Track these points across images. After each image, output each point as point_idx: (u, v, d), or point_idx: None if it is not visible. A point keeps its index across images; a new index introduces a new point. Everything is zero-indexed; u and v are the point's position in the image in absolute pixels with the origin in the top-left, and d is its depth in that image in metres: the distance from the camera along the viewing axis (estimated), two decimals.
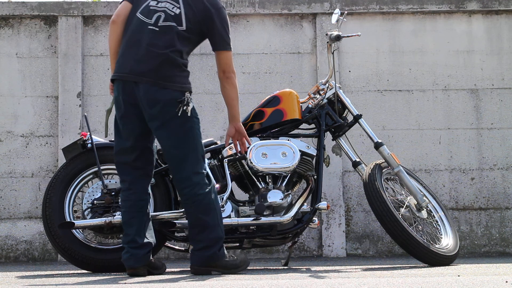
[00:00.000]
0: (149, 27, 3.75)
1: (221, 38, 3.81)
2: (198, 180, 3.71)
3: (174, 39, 3.72)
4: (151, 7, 3.79)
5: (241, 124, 3.95)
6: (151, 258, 3.77)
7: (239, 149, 3.99)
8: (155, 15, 3.77)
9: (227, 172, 4.20)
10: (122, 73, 3.77)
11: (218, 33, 3.80)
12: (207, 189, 3.72)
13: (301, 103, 4.43)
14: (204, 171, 3.75)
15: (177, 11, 3.77)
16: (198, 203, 3.70)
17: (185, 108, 3.67)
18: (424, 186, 4.59)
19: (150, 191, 3.88)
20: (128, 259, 3.73)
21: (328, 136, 4.49)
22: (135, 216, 3.78)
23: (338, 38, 4.31)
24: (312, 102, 4.46)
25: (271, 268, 4.29)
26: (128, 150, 3.80)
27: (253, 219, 4.09)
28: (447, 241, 4.38)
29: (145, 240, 3.77)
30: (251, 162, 4.17)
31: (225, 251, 3.78)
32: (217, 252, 3.71)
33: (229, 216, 4.08)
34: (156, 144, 3.93)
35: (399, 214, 4.27)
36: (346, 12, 4.62)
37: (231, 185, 4.22)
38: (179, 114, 3.67)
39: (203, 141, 3.96)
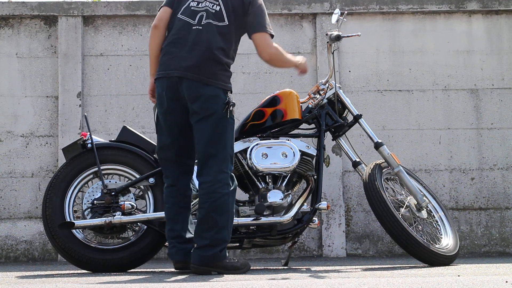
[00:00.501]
0: (193, 27, 3.82)
1: (256, 21, 3.88)
2: (221, 178, 3.74)
3: (218, 36, 3.81)
4: (192, 8, 3.87)
5: (304, 64, 4.10)
6: (227, 256, 3.79)
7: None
8: (197, 15, 3.85)
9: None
10: (166, 70, 3.83)
11: (252, 18, 3.88)
12: (227, 190, 3.75)
13: (301, 103, 4.44)
14: (229, 171, 3.79)
15: (218, 8, 3.86)
16: (214, 201, 3.72)
17: (231, 109, 3.76)
18: (424, 186, 4.59)
19: (192, 186, 3.98)
20: (175, 253, 3.87)
21: (328, 136, 4.49)
22: (181, 212, 3.91)
23: (338, 38, 4.31)
24: (312, 102, 4.47)
25: (271, 268, 4.29)
26: (170, 146, 3.88)
27: (253, 219, 4.09)
28: (447, 241, 4.38)
29: (189, 235, 3.89)
30: (251, 162, 4.17)
31: (227, 253, 3.78)
32: (219, 253, 3.71)
33: None
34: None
35: (399, 214, 4.26)
36: (346, 12, 4.62)
37: None
38: (223, 112, 3.74)
39: None
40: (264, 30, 3.89)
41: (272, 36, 3.91)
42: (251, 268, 3.96)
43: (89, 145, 4.18)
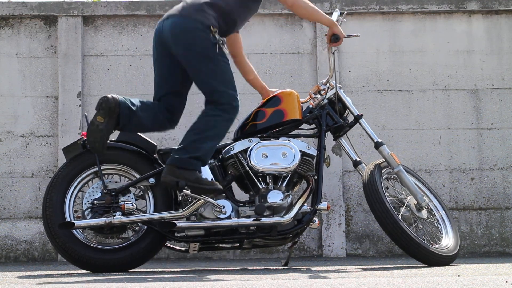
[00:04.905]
0: None
1: None
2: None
3: None
4: None
5: (339, 28, 4.20)
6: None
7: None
8: None
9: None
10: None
11: None
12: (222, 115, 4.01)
13: (302, 103, 4.43)
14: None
15: None
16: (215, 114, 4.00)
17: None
18: (425, 184, 4.58)
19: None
20: None
21: (329, 135, 4.48)
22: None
23: (337, 38, 4.30)
24: (313, 102, 4.46)
25: (271, 268, 4.29)
26: (160, 91, 4.16)
27: (253, 220, 4.08)
28: (447, 241, 4.38)
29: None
30: (251, 163, 4.16)
31: (201, 173, 3.96)
32: (191, 160, 3.91)
33: (229, 217, 4.08)
34: (157, 144, 3.95)
35: (399, 214, 4.26)
36: (346, 12, 4.62)
37: (232, 185, 4.22)
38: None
39: None
40: None
41: None
42: (251, 268, 3.95)
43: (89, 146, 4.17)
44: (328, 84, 4.45)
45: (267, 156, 4.18)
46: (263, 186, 4.19)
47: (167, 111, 4.17)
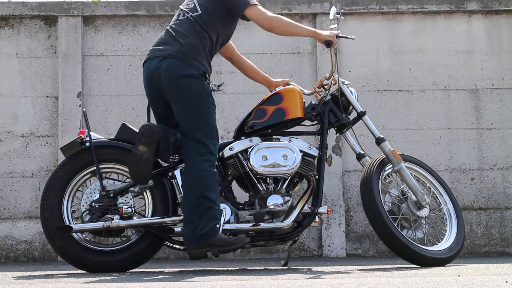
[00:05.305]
0: None
1: (236, 1, 4.03)
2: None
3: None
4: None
5: (324, 34, 4.14)
6: None
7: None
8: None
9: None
10: None
11: (230, 1, 4.03)
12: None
13: (307, 94, 4.38)
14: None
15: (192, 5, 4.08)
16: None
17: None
18: (435, 176, 4.49)
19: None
20: None
21: (331, 133, 4.42)
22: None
23: (329, 44, 4.20)
24: (317, 96, 4.40)
25: (271, 268, 4.28)
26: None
27: (252, 225, 4.04)
28: (446, 242, 4.34)
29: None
30: (251, 164, 4.11)
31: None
32: (208, 231, 3.82)
33: (228, 222, 4.03)
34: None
35: (400, 212, 4.26)
36: (342, 10, 4.60)
37: (231, 186, 4.19)
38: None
39: None
40: (248, 4, 4.03)
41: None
42: (251, 268, 3.93)
43: (88, 144, 4.13)
44: (331, 79, 4.34)
45: (267, 158, 4.11)
46: (263, 187, 4.14)
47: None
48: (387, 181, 4.40)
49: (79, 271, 4.14)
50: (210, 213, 3.83)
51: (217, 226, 3.86)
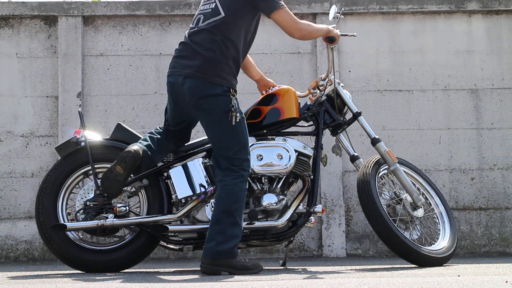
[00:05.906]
0: None
1: (266, 1, 3.90)
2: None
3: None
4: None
5: (330, 31, 4.16)
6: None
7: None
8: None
9: None
10: None
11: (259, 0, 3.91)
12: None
13: (301, 97, 4.38)
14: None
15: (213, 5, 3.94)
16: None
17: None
18: (426, 179, 4.54)
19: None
20: None
21: (327, 132, 4.44)
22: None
23: (332, 39, 4.22)
24: (312, 97, 4.41)
25: (271, 268, 4.28)
26: (172, 123, 4.13)
27: (247, 224, 4.04)
28: (442, 241, 4.36)
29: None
30: None
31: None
32: (232, 250, 3.76)
33: None
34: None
35: (395, 212, 4.27)
36: (343, 9, 4.61)
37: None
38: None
39: (200, 139, 4.16)
40: (278, 7, 3.91)
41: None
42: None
43: (83, 143, 4.12)
44: (327, 80, 4.37)
45: (262, 157, 4.13)
46: (258, 187, 4.15)
47: (178, 139, 4.15)
48: (380, 183, 4.41)
49: (79, 271, 4.14)
50: (232, 230, 3.75)
51: (237, 245, 3.81)
